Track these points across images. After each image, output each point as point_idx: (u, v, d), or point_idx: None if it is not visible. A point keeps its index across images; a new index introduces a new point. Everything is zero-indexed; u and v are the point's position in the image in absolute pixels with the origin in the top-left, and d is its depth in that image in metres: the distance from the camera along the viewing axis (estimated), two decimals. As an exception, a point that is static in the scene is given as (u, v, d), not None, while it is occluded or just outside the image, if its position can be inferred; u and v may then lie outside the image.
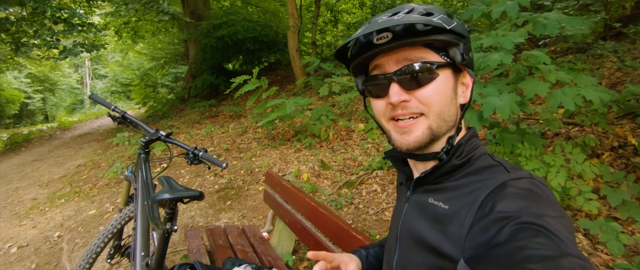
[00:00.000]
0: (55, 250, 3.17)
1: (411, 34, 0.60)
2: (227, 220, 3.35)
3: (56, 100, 24.79)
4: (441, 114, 0.64)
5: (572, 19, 2.06)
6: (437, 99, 0.63)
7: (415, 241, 0.68)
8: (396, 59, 0.64)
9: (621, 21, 4.56)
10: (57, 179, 5.41)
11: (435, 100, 0.63)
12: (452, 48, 0.63)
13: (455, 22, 0.62)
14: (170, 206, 1.34)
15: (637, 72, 3.46)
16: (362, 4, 10.42)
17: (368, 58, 0.66)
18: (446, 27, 0.59)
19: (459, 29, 0.62)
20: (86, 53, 7.95)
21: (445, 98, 0.64)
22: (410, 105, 0.64)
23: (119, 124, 1.90)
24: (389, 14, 0.63)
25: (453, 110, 0.65)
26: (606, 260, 1.96)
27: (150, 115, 10.60)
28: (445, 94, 0.64)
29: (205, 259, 1.97)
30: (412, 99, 0.63)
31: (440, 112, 0.63)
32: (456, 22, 0.62)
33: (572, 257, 0.44)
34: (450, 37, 0.61)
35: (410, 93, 0.63)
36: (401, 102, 0.64)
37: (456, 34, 0.61)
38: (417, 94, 0.63)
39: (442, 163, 0.66)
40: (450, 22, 0.61)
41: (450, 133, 0.67)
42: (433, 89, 0.63)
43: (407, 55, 0.63)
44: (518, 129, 2.43)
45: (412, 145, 0.64)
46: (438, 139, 0.66)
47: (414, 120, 0.64)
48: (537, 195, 0.55)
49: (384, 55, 0.65)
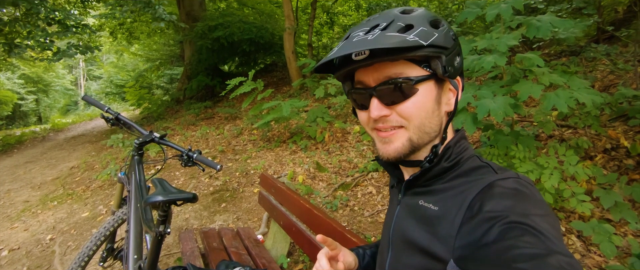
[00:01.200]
0: (47, 253, 3.13)
1: (388, 51, 0.59)
2: (221, 222, 3.33)
3: (50, 102, 24.55)
4: (422, 127, 0.64)
5: (565, 22, 2.08)
6: (417, 113, 0.63)
7: (406, 243, 0.68)
8: (376, 74, 0.63)
9: (614, 24, 4.61)
10: (50, 181, 5.36)
11: (415, 114, 0.63)
12: (433, 60, 0.62)
13: (436, 34, 0.60)
14: (163, 209, 1.32)
15: (629, 75, 3.50)
16: (358, 6, 10.44)
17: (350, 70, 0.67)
18: (423, 44, 0.58)
19: (440, 41, 0.60)
20: (80, 55, 7.89)
21: (426, 111, 0.64)
22: (390, 119, 0.64)
23: (113, 125, 1.88)
24: (367, 28, 0.62)
25: (435, 121, 0.65)
26: (599, 262, 1.98)
27: (145, 116, 10.54)
28: (425, 107, 0.63)
29: (199, 261, 1.96)
30: (392, 113, 0.64)
31: (420, 125, 0.64)
32: (438, 34, 0.60)
33: (559, 255, 0.44)
34: (430, 51, 0.60)
35: (390, 108, 0.63)
36: (381, 117, 0.64)
37: (437, 47, 0.60)
38: (397, 109, 0.63)
39: (428, 167, 0.66)
40: (430, 34, 0.60)
41: (434, 142, 0.68)
42: (413, 104, 0.62)
43: (387, 70, 0.62)
44: (512, 131, 2.45)
45: (392, 155, 0.65)
46: (419, 149, 0.66)
47: (395, 131, 0.65)
48: (523, 195, 0.55)
49: (365, 69, 0.65)
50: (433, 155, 0.66)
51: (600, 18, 4.56)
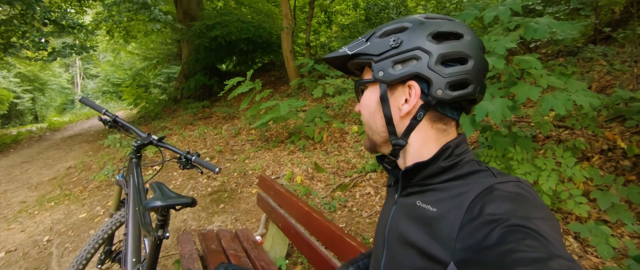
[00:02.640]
0: (44, 255, 3.12)
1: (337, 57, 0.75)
2: (219, 223, 3.33)
3: (46, 100, 24.40)
4: (368, 124, 0.76)
5: (563, 24, 2.08)
6: (363, 112, 0.77)
7: (403, 243, 0.68)
8: None
9: (610, 25, 4.63)
10: (47, 182, 5.33)
11: (362, 112, 0.77)
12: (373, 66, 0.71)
13: (368, 44, 0.71)
14: (162, 213, 1.32)
15: (626, 76, 3.52)
16: (356, 5, 10.44)
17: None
18: (348, 53, 0.72)
19: (368, 49, 0.71)
20: (76, 55, 7.84)
21: (368, 111, 0.75)
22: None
23: (110, 128, 1.87)
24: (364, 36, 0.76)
25: (379, 121, 0.73)
26: (596, 263, 1.99)
27: (142, 116, 10.50)
28: (367, 107, 0.75)
29: (197, 264, 1.96)
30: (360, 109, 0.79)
31: (366, 122, 0.76)
32: (369, 43, 0.71)
33: (560, 259, 0.44)
34: (360, 59, 0.72)
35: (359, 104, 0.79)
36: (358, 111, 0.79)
37: (362, 54, 0.71)
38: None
39: (426, 163, 0.67)
40: (360, 44, 0.72)
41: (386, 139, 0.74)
42: (362, 103, 0.77)
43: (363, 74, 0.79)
44: (510, 132, 2.45)
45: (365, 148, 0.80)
46: (379, 147, 0.77)
47: None
48: (524, 198, 0.55)
49: None
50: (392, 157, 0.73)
51: (597, 19, 4.58)
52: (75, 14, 11.47)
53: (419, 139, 0.69)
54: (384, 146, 0.75)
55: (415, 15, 0.71)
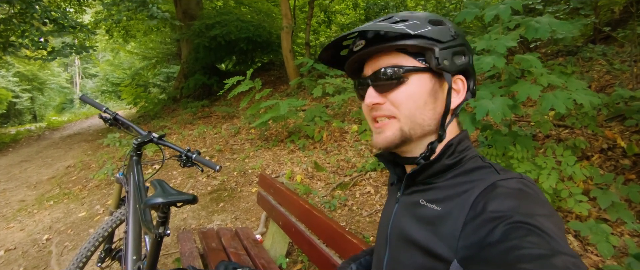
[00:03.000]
0: (43, 254, 3.11)
1: (380, 40, 0.65)
2: (220, 222, 3.33)
3: (45, 100, 24.35)
4: (412, 117, 0.66)
5: (563, 23, 2.08)
6: (407, 103, 0.66)
7: (405, 242, 0.68)
8: (374, 65, 0.69)
9: (610, 25, 4.64)
10: (46, 180, 5.32)
11: (404, 103, 0.66)
12: (427, 52, 0.65)
13: (429, 27, 0.64)
14: (163, 210, 1.32)
15: (626, 75, 3.52)
16: (356, 5, 10.44)
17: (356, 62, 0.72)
18: (410, 33, 0.62)
19: (432, 34, 0.63)
20: (75, 54, 7.83)
21: (416, 102, 0.66)
22: (383, 107, 0.68)
23: (111, 125, 1.87)
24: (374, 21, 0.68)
25: (428, 114, 0.67)
26: (596, 262, 1.99)
27: (141, 115, 10.49)
28: (416, 97, 0.66)
29: (198, 262, 1.95)
30: (386, 101, 0.67)
31: (410, 114, 0.66)
32: (431, 27, 0.64)
33: (564, 255, 0.44)
34: (420, 41, 0.63)
35: (383, 96, 0.67)
36: (374, 104, 0.68)
37: (427, 38, 0.63)
38: (389, 97, 0.67)
39: (432, 162, 0.66)
40: (421, 26, 0.63)
41: (431, 138, 0.69)
42: (403, 92, 0.66)
43: (382, 61, 0.67)
44: (510, 131, 2.46)
45: (382, 144, 0.68)
46: (411, 142, 0.68)
47: (388, 121, 0.68)
48: (527, 195, 0.55)
49: (367, 61, 0.70)
50: (428, 152, 0.67)
51: (597, 18, 4.59)
52: (74, 13, 11.46)
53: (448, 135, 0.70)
54: (418, 142, 0.69)
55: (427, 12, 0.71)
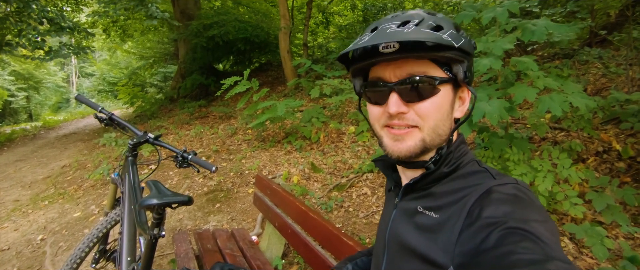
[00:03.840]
0: (37, 254, 3.08)
1: (418, 48, 0.59)
2: (216, 223, 3.31)
3: (41, 99, 24.19)
4: (436, 129, 0.64)
5: (559, 26, 2.09)
6: (434, 114, 0.63)
7: (403, 248, 0.68)
8: (399, 69, 0.63)
9: (606, 28, 4.67)
10: (41, 180, 5.28)
11: (432, 115, 0.63)
12: (456, 64, 0.63)
13: (463, 39, 0.61)
14: (158, 211, 1.31)
15: (621, 79, 3.55)
16: (354, 6, 10.46)
17: (371, 64, 0.66)
18: (455, 45, 0.59)
19: (466, 47, 0.61)
20: (73, 54, 7.79)
21: (442, 113, 0.64)
22: (407, 116, 0.64)
23: (106, 125, 1.86)
24: (398, 22, 0.62)
25: (448, 124, 0.66)
26: (591, 264, 2.00)
27: (138, 115, 10.44)
28: (443, 109, 0.64)
29: (193, 263, 1.94)
30: (410, 111, 0.63)
31: (435, 126, 0.64)
32: (464, 39, 0.61)
33: (557, 261, 0.44)
34: (457, 54, 0.61)
35: (408, 105, 0.63)
36: (398, 113, 0.63)
37: (463, 51, 0.61)
38: (415, 107, 0.63)
39: (430, 171, 0.66)
40: (459, 39, 0.60)
41: (442, 145, 0.68)
42: (432, 104, 0.63)
43: (411, 67, 0.62)
44: (506, 133, 2.46)
45: (403, 154, 0.64)
46: (429, 151, 0.67)
47: (408, 130, 0.64)
48: (522, 200, 0.56)
49: (387, 64, 0.64)
50: (438, 157, 0.66)
51: (593, 22, 4.62)
52: (71, 12, 11.40)
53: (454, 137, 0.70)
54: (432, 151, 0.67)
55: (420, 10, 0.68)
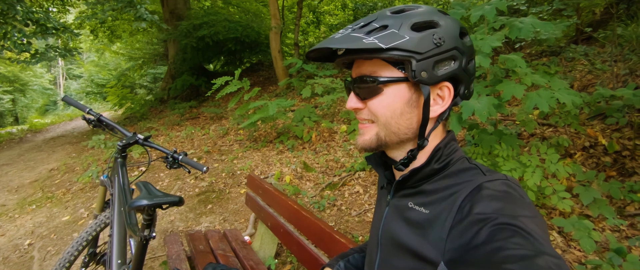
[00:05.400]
0: (25, 259, 3.03)
1: (358, 50, 0.63)
2: (207, 224, 3.29)
3: (27, 102, 23.72)
4: (387, 126, 0.66)
5: (547, 24, 2.13)
6: (382, 112, 0.66)
7: (396, 245, 0.69)
8: (357, 69, 0.69)
9: (591, 26, 4.76)
10: (28, 184, 5.18)
11: (381, 112, 0.66)
12: (406, 64, 0.61)
13: (407, 38, 0.59)
14: (148, 212, 1.30)
15: (606, 75, 3.62)
16: (345, 6, 10.48)
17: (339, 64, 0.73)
18: (381, 47, 0.58)
19: (409, 46, 0.59)
20: (60, 57, 7.63)
21: (392, 111, 0.65)
22: (363, 112, 0.69)
23: (95, 127, 1.83)
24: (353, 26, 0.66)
25: (404, 123, 0.66)
26: (579, 257, 2.04)
27: (127, 117, 10.31)
28: (392, 107, 0.65)
29: (185, 264, 1.93)
30: (365, 107, 0.68)
31: (386, 123, 0.66)
32: (409, 38, 0.59)
33: (547, 256, 0.45)
34: (395, 54, 0.59)
35: (363, 102, 0.68)
36: (355, 109, 0.70)
37: (402, 50, 0.59)
38: (368, 104, 0.68)
39: (421, 167, 0.67)
40: (397, 38, 0.59)
41: (410, 145, 0.69)
42: (379, 102, 0.66)
43: (363, 68, 0.67)
44: (496, 130, 2.49)
45: (360, 146, 0.70)
46: (388, 147, 0.70)
47: (368, 125, 0.69)
48: (512, 196, 0.56)
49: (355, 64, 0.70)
50: (407, 159, 0.68)
51: (579, 19, 4.70)
52: (57, 13, 11.20)
53: (434, 139, 0.69)
54: (397, 148, 0.69)
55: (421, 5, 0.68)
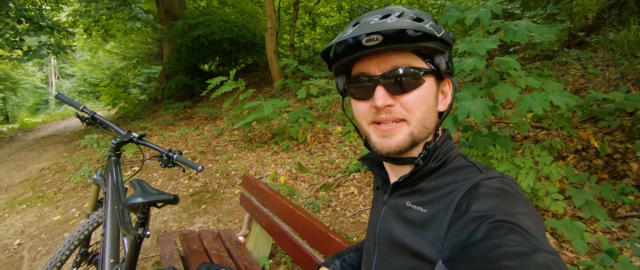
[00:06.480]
0: (15, 259, 2.98)
1: (402, 39, 0.58)
2: (201, 224, 3.27)
3: (18, 100, 23.35)
4: (423, 121, 0.64)
5: (541, 28, 2.15)
6: (420, 106, 0.63)
7: (393, 245, 0.68)
8: (383, 62, 0.63)
9: (584, 30, 4.82)
10: (18, 184, 5.11)
11: (418, 106, 0.63)
12: (438, 56, 0.64)
13: (443, 31, 0.62)
14: (142, 211, 1.29)
15: (598, 79, 3.66)
16: (341, 8, 10.50)
17: (353, 59, 0.65)
18: (436, 34, 0.59)
19: (447, 38, 0.62)
20: (53, 55, 7.54)
21: (428, 105, 0.64)
22: (394, 110, 0.63)
23: (88, 125, 1.81)
24: (380, 15, 0.62)
25: (433, 117, 0.66)
26: (571, 258, 2.05)
27: (120, 116, 10.22)
28: (428, 101, 0.64)
29: (178, 264, 1.91)
30: (396, 104, 0.63)
31: (421, 119, 0.63)
32: (444, 31, 0.62)
33: (544, 253, 0.45)
34: (439, 44, 0.61)
35: (394, 98, 0.63)
36: (385, 107, 0.63)
37: (444, 42, 0.62)
38: (401, 100, 0.63)
39: (419, 167, 0.66)
40: (439, 30, 0.61)
41: (428, 139, 0.68)
42: (417, 96, 0.63)
43: (395, 60, 0.62)
44: (490, 132, 2.51)
45: (393, 149, 0.64)
46: (418, 145, 0.66)
47: (396, 125, 0.64)
48: (509, 194, 0.56)
49: (370, 58, 0.63)
50: (426, 152, 0.66)
51: (572, 24, 4.76)
52: (51, 10, 11.07)
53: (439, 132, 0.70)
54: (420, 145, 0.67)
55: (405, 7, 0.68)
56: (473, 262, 0.49)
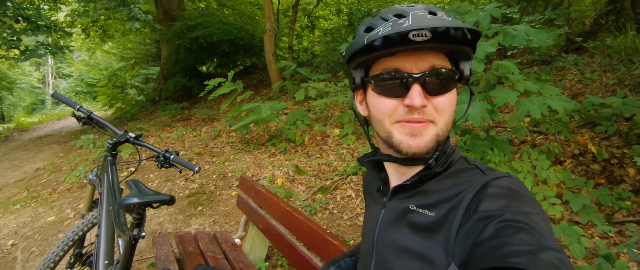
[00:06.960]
0: (7, 260, 2.94)
1: (447, 38, 0.56)
2: (197, 226, 3.25)
3: (14, 100, 23.19)
4: (447, 124, 0.63)
5: (539, 32, 2.16)
6: (449, 109, 0.62)
7: (395, 249, 0.66)
8: (421, 61, 0.60)
9: (581, 36, 4.85)
10: (13, 184, 5.06)
11: (447, 109, 0.62)
12: (465, 61, 0.63)
13: None
14: (138, 211, 1.27)
15: (596, 84, 3.68)
16: (339, 11, 10.52)
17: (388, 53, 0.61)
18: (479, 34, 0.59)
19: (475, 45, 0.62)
20: (50, 55, 7.50)
21: (453, 109, 0.63)
22: (426, 111, 0.60)
23: (85, 124, 1.79)
24: (425, 10, 0.58)
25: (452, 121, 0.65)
26: (569, 263, 2.05)
27: (117, 117, 10.18)
28: (453, 105, 0.63)
29: (174, 266, 1.89)
30: (428, 104, 0.60)
31: (448, 121, 0.63)
32: None
33: (551, 251, 0.45)
34: (470, 49, 0.61)
35: (429, 99, 0.60)
36: (421, 106, 0.59)
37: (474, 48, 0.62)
38: (434, 101, 0.61)
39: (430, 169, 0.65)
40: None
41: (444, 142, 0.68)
42: (449, 98, 0.62)
43: (433, 59, 0.60)
44: (488, 136, 2.51)
45: (421, 149, 0.61)
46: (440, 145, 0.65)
47: (423, 125, 0.61)
48: (517, 193, 0.56)
49: (408, 54, 0.60)
50: (439, 153, 0.65)
51: (570, 29, 4.79)
52: (49, 10, 11.04)
53: None
54: None
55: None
56: (481, 260, 0.49)
